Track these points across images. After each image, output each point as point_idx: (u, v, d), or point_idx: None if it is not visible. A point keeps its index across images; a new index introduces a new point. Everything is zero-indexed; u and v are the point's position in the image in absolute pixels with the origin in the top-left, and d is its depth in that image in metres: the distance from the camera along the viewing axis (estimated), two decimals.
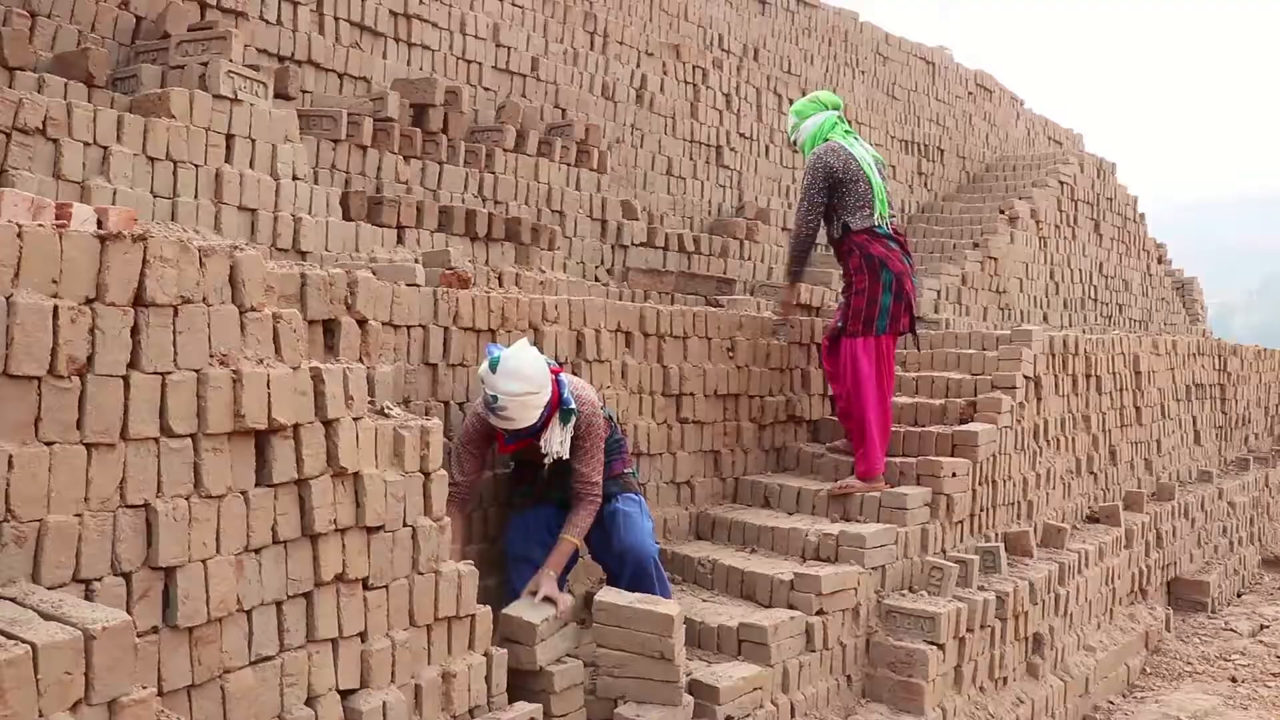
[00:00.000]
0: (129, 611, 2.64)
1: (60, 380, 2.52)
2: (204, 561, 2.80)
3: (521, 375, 4.19)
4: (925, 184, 11.88)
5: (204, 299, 2.84)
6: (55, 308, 2.50)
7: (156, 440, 2.72)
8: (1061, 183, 11.82)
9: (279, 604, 3.04)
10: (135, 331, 2.67)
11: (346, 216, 5.60)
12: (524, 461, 4.66)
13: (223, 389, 2.84)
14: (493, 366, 4.20)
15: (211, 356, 2.85)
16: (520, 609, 4.11)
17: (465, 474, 4.42)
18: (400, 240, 5.82)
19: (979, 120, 13.63)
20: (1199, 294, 15.23)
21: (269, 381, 2.94)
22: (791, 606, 5.04)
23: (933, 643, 5.26)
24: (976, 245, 10.45)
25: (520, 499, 4.68)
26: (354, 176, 6.01)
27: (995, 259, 10.47)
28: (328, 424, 3.15)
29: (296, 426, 3.05)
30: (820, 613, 5.04)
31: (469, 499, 4.51)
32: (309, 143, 5.75)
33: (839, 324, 6.10)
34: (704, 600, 5.27)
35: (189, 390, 2.78)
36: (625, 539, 4.59)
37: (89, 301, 2.59)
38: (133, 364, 2.67)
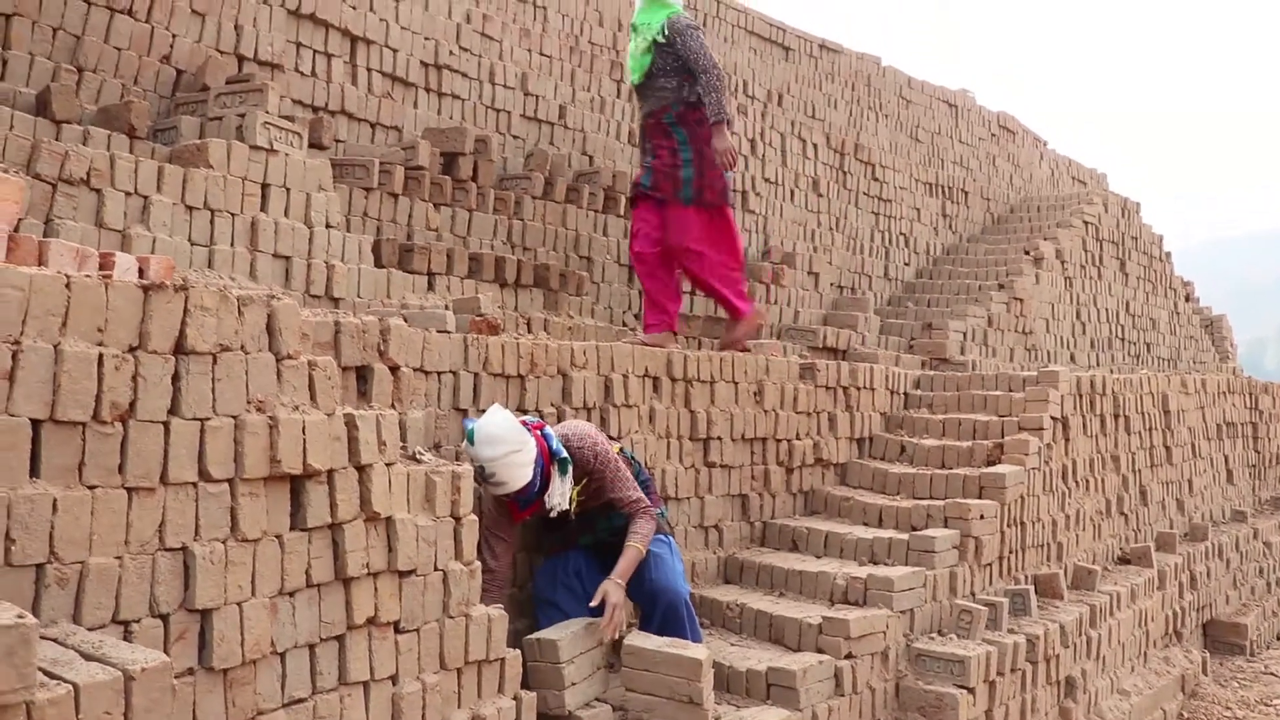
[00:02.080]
0: (166, 652, 2.69)
1: (104, 426, 2.59)
2: (239, 604, 2.85)
3: (496, 438, 4.17)
4: (950, 225, 11.91)
5: (242, 346, 2.92)
6: (100, 355, 2.58)
7: (195, 485, 2.78)
8: (1086, 222, 11.83)
9: (312, 647, 3.08)
10: (176, 378, 2.74)
11: (378, 263, 5.70)
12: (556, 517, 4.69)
13: (259, 435, 2.90)
14: (470, 439, 4.21)
15: (249, 403, 2.91)
16: (543, 632, 4.13)
17: (496, 558, 4.38)
18: (431, 287, 5.91)
19: (1002, 161, 13.68)
20: (1228, 331, 15.14)
21: (304, 428, 3.00)
22: (820, 650, 5.03)
23: (963, 686, 5.23)
24: (1002, 286, 10.46)
25: (550, 544, 4.71)
26: (385, 224, 6.11)
27: (1021, 300, 10.48)
28: (361, 469, 3.20)
29: (330, 472, 3.11)
30: (849, 656, 5.03)
31: (504, 586, 4.47)
32: (342, 191, 5.86)
33: (689, 191, 6.54)
34: (732, 644, 5.27)
35: (227, 436, 2.84)
36: (656, 580, 4.61)
37: (132, 350, 2.66)
38: (173, 410, 2.74)
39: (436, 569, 3.48)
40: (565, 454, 4.41)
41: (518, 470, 4.21)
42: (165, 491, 2.71)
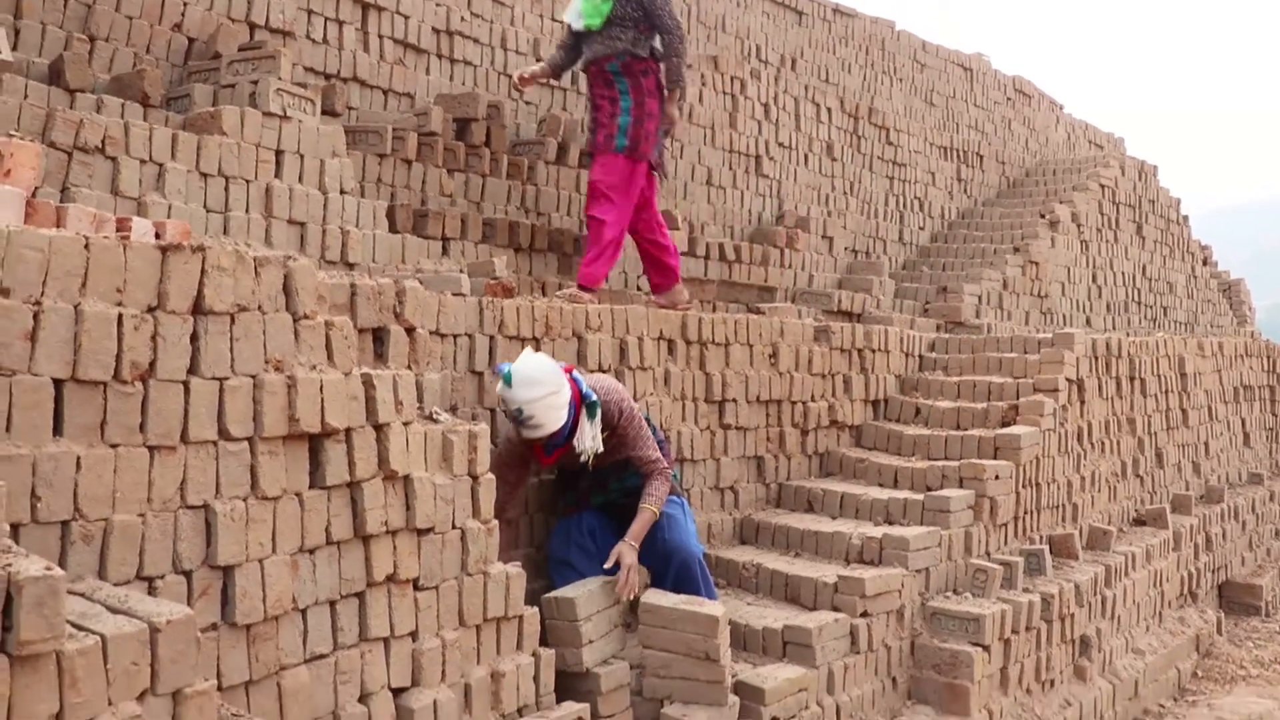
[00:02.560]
0: (190, 608, 2.74)
1: (124, 385, 2.62)
2: (260, 561, 2.89)
3: (534, 380, 4.22)
4: (965, 190, 11.85)
5: (259, 307, 2.94)
6: (120, 315, 2.61)
7: (215, 443, 2.81)
8: (1102, 186, 11.75)
9: (333, 603, 3.12)
10: (194, 338, 2.77)
11: (393, 229, 5.71)
12: (566, 469, 4.73)
13: (278, 394, 2.93)
14: (507, 381, 4.23)
15: (267, 362, 2.95)
16: (560, 591, 4.18)
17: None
18: (445, 252, 5.93)
19: (1018, 125, 13.58)
20: (1246, 295, 15.05)
21: (322, 387, 3.03)
22: (836, 609, 5.06)
23: (978, 644, 5.26)
24: (1017, 250, 10.41)
25: (565, 504, 4.75)
26: (399, 190, 6.12)
27: (1036, 263, 10.43)
28: (379, 428, 3.23)
29: (349, 430, 3.14)
30: (864, 615, 5.06)
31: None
32: (355, 157, 5.87)
33: (623, 140, 6.24)
34: (748, 604, 5.31)
35: (245, 395, 2.87)
36: (670, 540, 4.64)
37: (151, 310, 2.69)
38: (192, 370, 2.77)
39: (455, 527, 3.52)
40: (594, 397, 4.44)
41: (554, 413, 4.25)
42: (186, 450, 2.75)
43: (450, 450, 3.53)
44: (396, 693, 3.30)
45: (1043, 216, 10.98)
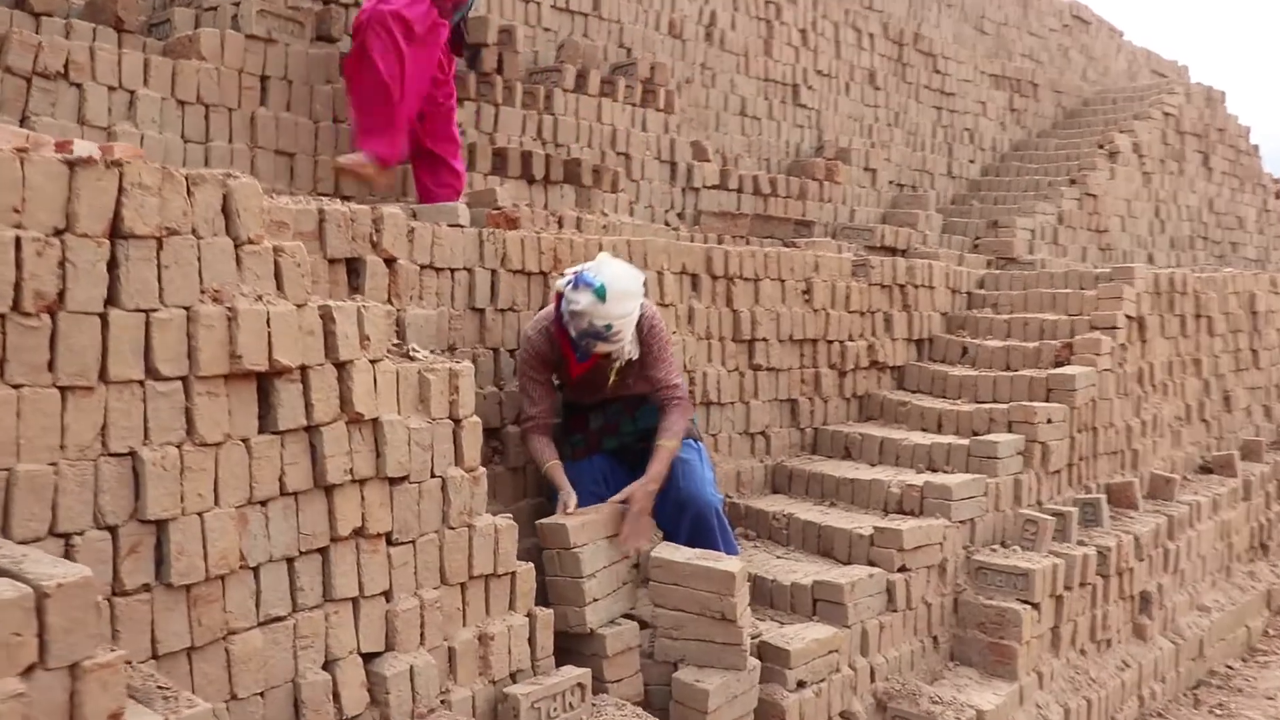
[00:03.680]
0: (116, 568, 2.44)
1: (27, 318, 2.30)
2: (200, 514, 2.57)
3: (629, 292, 3.95)
4: (1018, 120, 11.24)
5: (193, 230, 2.60)
6: (18, 239, 2.28)
7: (141, 383, 2.49)
8: (1166, 114, 11.08)
9: (290, 560, 2.81)
10: (113, 265, 2.44)
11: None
12: (574, 409, 4.38)
13: (215, 327, 2.59)
14: (601, 296, 3.86)
15: (203, 293, 2.61)
16: (555, 518, 3.85)
17: (538, 403, 4.15)
18: None
19: (1075, 54, 12.91)
20: None
21: (269, 319, 2.69)
22: (872, 563, 4.70)
23: (1027, 601, 4.87)
24: (1074, 182, 9.84)
25: (572, 449, 4.38)
26: None
27: (1094, 196, 9.85)
28: (340, 366, 2.89)
29: (304, 369, 2.81)
30: (903, 569, 4.70)
31: (550, 423, 4.22)
32: None
33: None
34: (778, 557, 4.96)
35: (177, 329, 2.54)
36: (685, 488, 4.26)
37: (58, 233, 2.36)
38: (111, 301, 2.44)
39: (434, 475, 3.19)
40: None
41: (631, 327, 4.02)
42: (106, 391, 2.43)
43: (427, 390, 3.19)
44: (368, 658, 2.99)
45: (1101, 147, 10.37)
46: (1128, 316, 6.36)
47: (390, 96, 4.74)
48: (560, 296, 4.04)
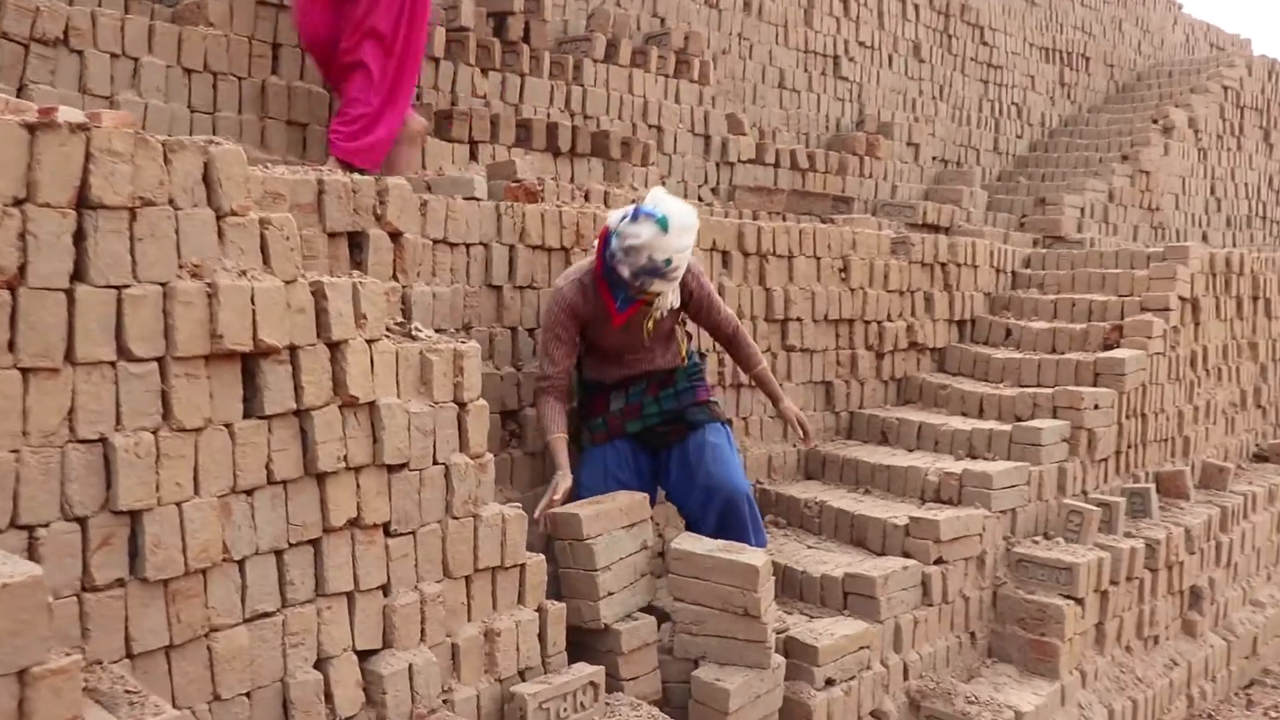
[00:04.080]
0: (86, 562, 2.28)
1: None
2: (179, 504, 2.41)
3: (689, 226, 3.80)
4: (1068, 95, 10.88)
5: (170, 200, 2.42)
6: None
7: (113, 365, 2.32)
8: (1225, 88, 10.66)
9: (279, 553, 2.64)
10: (80, 238, 2.27)
11: None
12: (594, 389, 4.18)
13: (194, 304, 2.42)
14: (664, 227, 3.70)
15: (181, 268, 2.43)
16: (569, 507, 3.63)
17: (558, 363, 3.97)
18: (473, 156, 5.37)
19: (1129, 26, 12.45)
20: None
21: (253, 296, 2.51)
22: (907, 554, 4.49)
23: (1070, 597, 4.63)
24: (1126, 158, 9.49)
25: (592, 433, 4.18)
26: (426, 90, 5.54)
27: (1147, 173, 9.49)
28: (333, 346, 2.71)
29: (293, 349, 2.63)
30: (939, 561, 4.47)
31: (565, 389, 4.05)
32: None
33: None
34: (809, 547, 4.76)
35: (152, 307, 2.37)
36: (715, 474, 4.05)
37: (19, 203, 2.19)
38: (78, 276, 2.27)
39: (436, 462, 3.00)
40: None
41: (685, 265, 3.89)
42: (73, 373, 2.26)
43: (429, 372, 3.00)
44: (363, 655, 2.82)
45: (1155, 122, 10.01)
46: (1181, 298, 6.06)
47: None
48: (605, 239, 3.88)
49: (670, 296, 3.99)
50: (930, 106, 9.21)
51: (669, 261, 3.74)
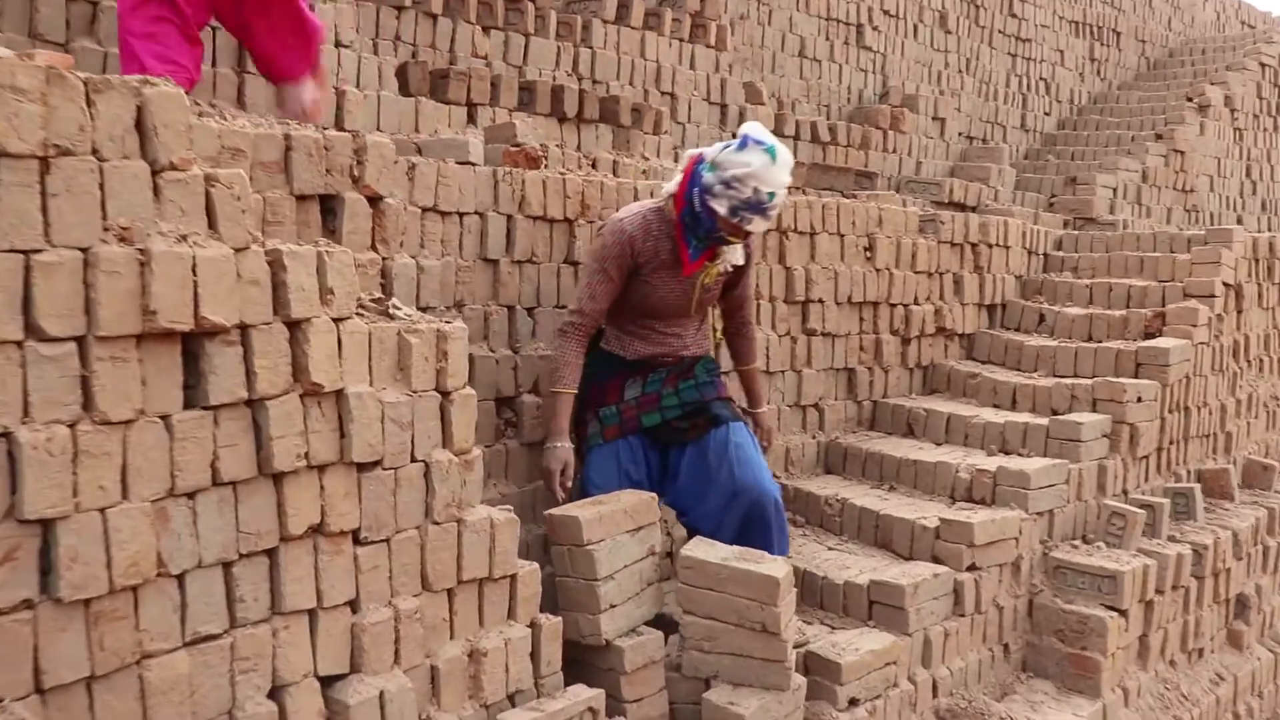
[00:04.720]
0: None
1: None
2: (102, 511, 2.03)
3: (790, 162, 3.54)
4: (1098, 71, 10.48)
5: (94, 150, 2.04)
6: None
7: (19, 345, 1.94)
8: (1262, 64, 10.25)
9: (227, 566, 2.26)
10: None
11: (405, 91, 4.78)
12: (608, 366, 3.78)
13: (122, 274, 2.03)
14: (774, 156, 3.43)
15: (107, 230, 2.05)
16: (567, 508, 3.27)
17: (597, 301, 3.63)
18: (471, 119, 4.98)
19: (1160, 2, 12.03)
20: None
21: (195, 265, 2.13)
22: (936, 559, 4.13)
23: (1113, 607, 4.25)
24: (1159, 137, 9.09)
25: (602, 425, 3.77)
26: (422, 50, 5.16)
27: (1181, 153, 9.09)
28: (293, 325, 2.33)
29: (245, 328, 2.24)
30: (972, 568, 4.11)
31: (591, 335, 3.71)
32: (366, 9, 4.93)
33: None
34: (830, 548, 4.39)
35: (70, 276, 1.98)
36: (741, 476, 3.65)
37: None
38: None
39: (414, 460, 2.62)
40: None
41: None
42: None
43: (408, 356, 2.61)
44: (326, 682, 2.45)
45: (1190, 100, 9.60)
46: (1225, 284, 5.66)
47: None
48: (691, 175, 3.58)
49: (737, 253, 3.73)
50: (956, 80, 8.84)
51: (773, 195, 3.46)
